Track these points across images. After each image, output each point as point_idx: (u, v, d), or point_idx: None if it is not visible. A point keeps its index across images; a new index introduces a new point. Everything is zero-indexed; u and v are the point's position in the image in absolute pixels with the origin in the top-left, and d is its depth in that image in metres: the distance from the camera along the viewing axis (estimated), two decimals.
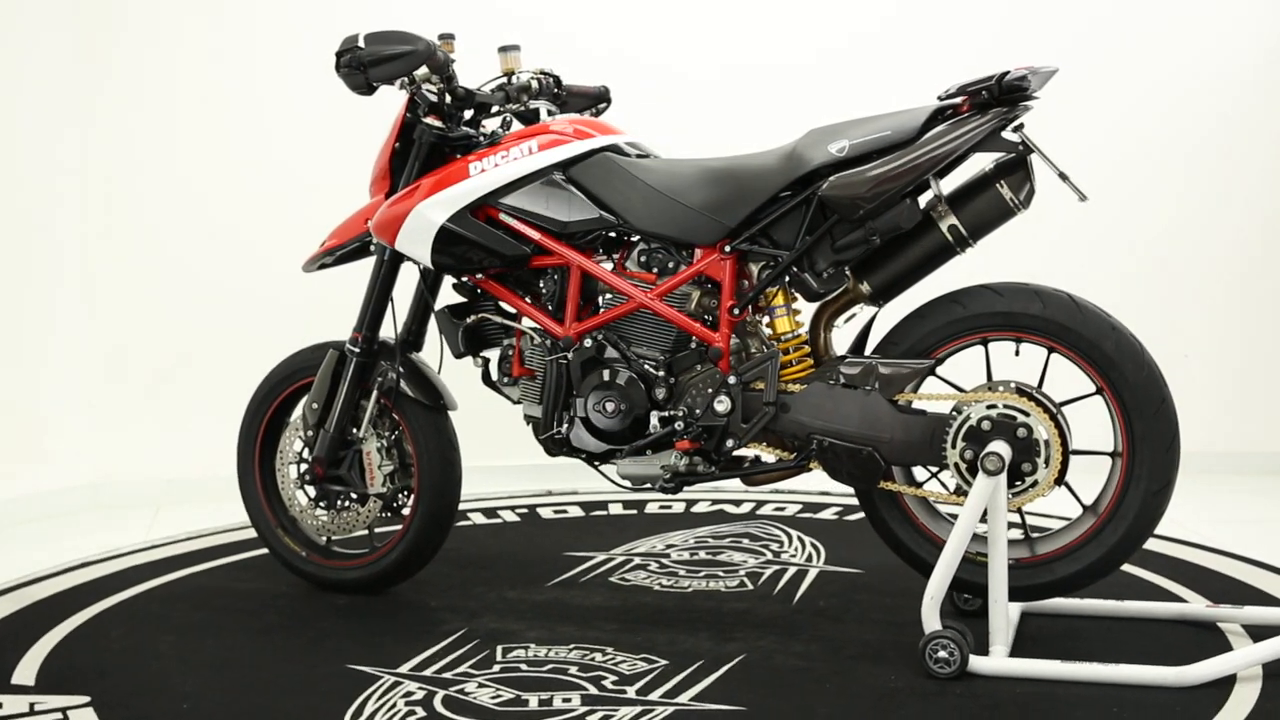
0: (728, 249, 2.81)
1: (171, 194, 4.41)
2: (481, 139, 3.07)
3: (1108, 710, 2.38)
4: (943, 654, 2.55)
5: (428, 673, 2.66)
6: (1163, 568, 3.25)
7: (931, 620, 2.59)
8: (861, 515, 3.91)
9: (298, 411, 3.30)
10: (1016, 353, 2.79)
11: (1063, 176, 2.61)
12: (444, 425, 3.14)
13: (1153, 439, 2.61)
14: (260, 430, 3.30)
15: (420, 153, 3.03)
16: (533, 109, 3.11)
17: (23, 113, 4.23)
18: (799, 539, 3.67)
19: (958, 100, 2.66)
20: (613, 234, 2.96)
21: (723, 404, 2.79)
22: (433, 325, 3.20)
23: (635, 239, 2.96)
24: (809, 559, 3.47)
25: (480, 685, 2.58)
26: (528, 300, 3.00)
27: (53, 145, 4.31)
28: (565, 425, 2.93)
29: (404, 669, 2.69)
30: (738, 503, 4.16)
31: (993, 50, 4.33)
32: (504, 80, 3.12)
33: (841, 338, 2.94)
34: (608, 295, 2.95)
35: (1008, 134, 2.65)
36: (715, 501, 4.18)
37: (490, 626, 2.95)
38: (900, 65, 4.42)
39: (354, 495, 3.17)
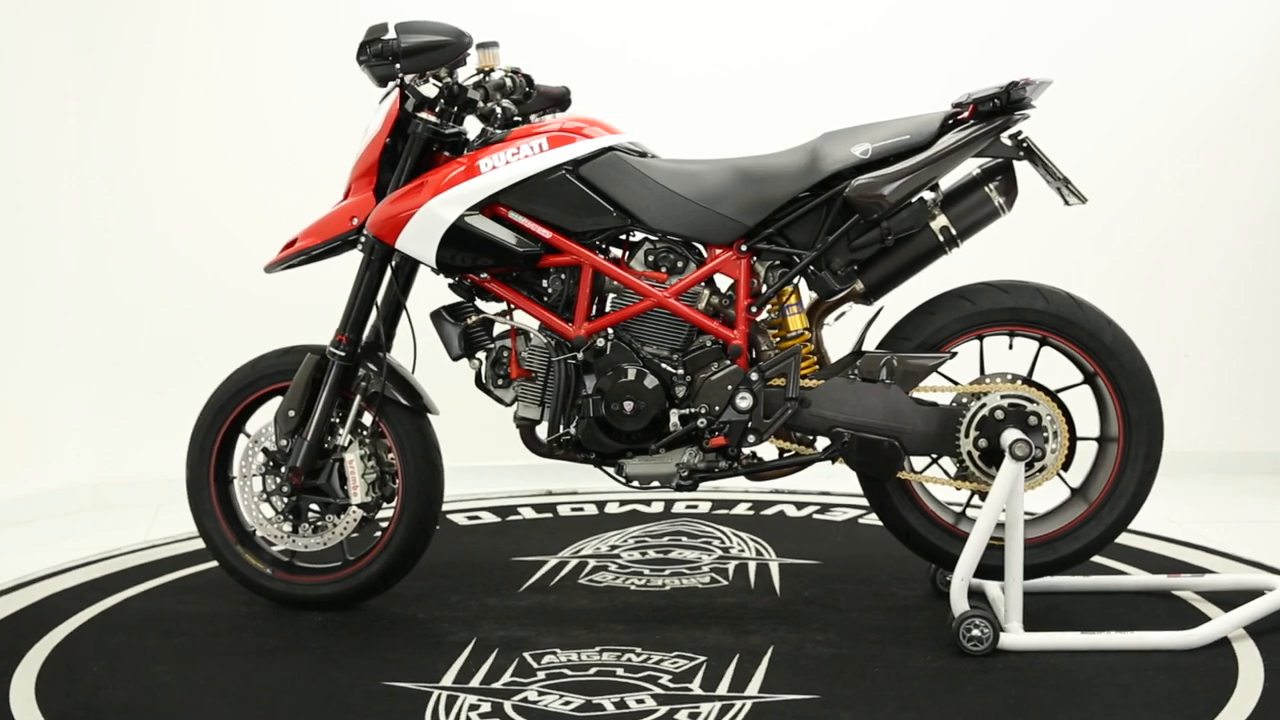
0: (744, 248, 2.86)
1: (172, 193, 4.38)
2: (468, 136, 3.00)
3: (1143, 674, 2.57)
4: (976, 632, 2.68)
5: (473, 684, 2.59)
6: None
7: (960, 601, 2.72)
8: (777, 509, 4.05)
9: (254, 422, 3.12)
10: (1010, 346, 2.97)
11: (1065, 180, 2.80)
12: (427, 429, 3.05)
13: (1147, 422, 2.84)
14: (217, 442, 3.10)
15: (414, 148, 2.92)
16: (490, 108, 3.05)
17: (23, 111, 4.19)
18: (734, 535, 3.74)
19: (967, 106, 2.80)
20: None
21: (745, 400, 2.83)
22: (404, 326, 3.10)
23: (638, 238, 2.96)
24: (759, 553, 3.54)
25: (540, 693, 2.54)
26: (532, 300, 2.95)
27: (53, 144, 4.27)
28: (574, 426, 2.90)
29: (446, 682, 2.60)
30: (648, 503, 4.19)
31: (992, 51, 4.40)
32: (480, 77, 3.05)
33: (827, 334, 3.05)
34: (612, 295, 2.94)
35: (1006, 140, 2.82)
36: (624, 503, 4.20)
37: (498, 634, 2.88)
38: (900, 65, 4.44)
39: (331, 507, 3.02)
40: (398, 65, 2.79)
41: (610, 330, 2.91)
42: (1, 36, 4.12)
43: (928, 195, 2.87)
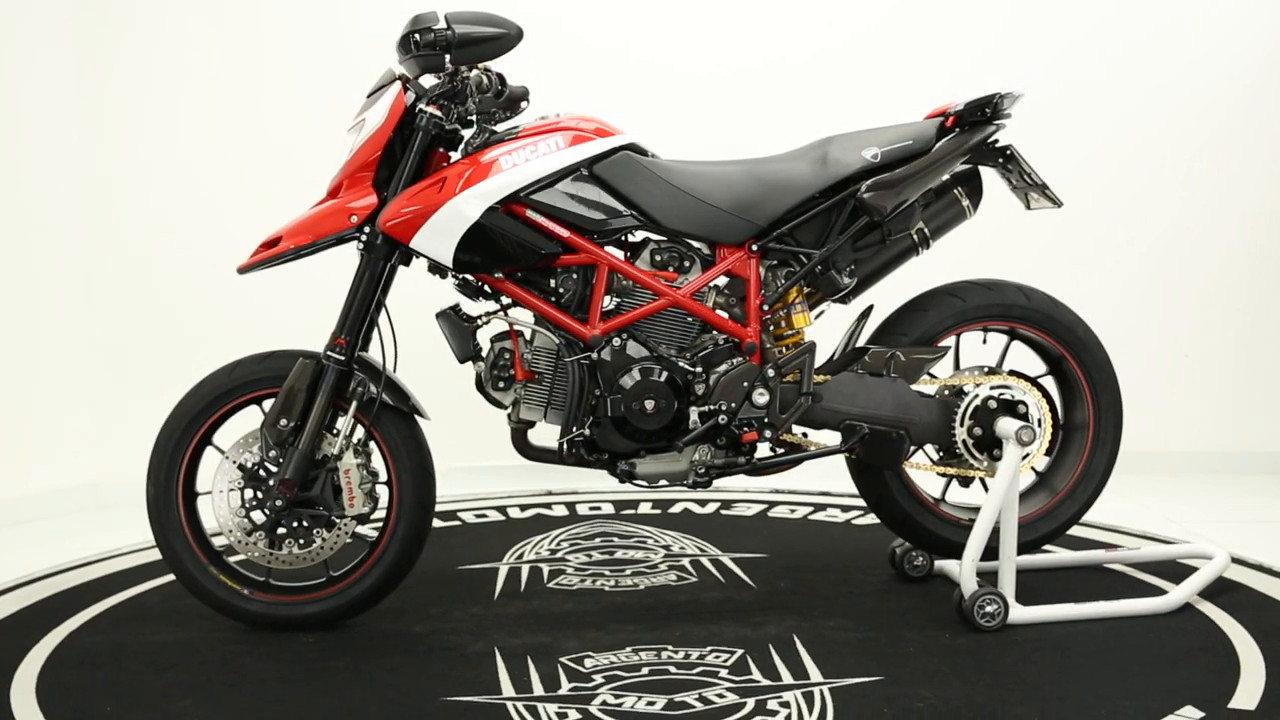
0: (754, 248, 2.91)
1: (173, 193, 4.39)
2: (463, 134, 2.91)
3: (1146, 637, 2.79)
4: (990, 608, 2.84)
5: (537, 692, 2.52)
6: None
7: (970, 581, 2.87)
8: (681, 507, 4.11)
9: (224, 433, 2.91)
10: (984, 340, 3.15)
11: (1043, 186, 3.00)
12: (420, 435, 2.93)
13: (1112, 409, 3.08)
14: (187, 455, 2.87)
15: (421, 144, 2.80)
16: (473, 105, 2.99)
17: (24, 111, 4.18)
18: (663, 533, 3.77)
19: (948, 117, 2.96)
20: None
21: (762, 396, 2.88)
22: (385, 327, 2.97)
23: (639, 237, 2.96)
24: (701, 550, 3.59)
25: (615, 695, 2.50)
26: (544, 300, 2.89)
27: (54, 144, 4.27)
28: (587, 427, 2.87)
29: (508, 693, 2.52)
30: (549, 506, 4.16)
31: (994, 51, 4.44)
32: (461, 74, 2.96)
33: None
34: (617, 294, 2.92)
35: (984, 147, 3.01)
36: (525, 507, 4.15)
37: (515, 642, 2.81)
38: (902, 66, 4.47)
39: (322, 519, 2.85)
40: (448, 56, 2.68)
41: (624, 330, 2.89)
42: (2, 37, 4.11)
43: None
